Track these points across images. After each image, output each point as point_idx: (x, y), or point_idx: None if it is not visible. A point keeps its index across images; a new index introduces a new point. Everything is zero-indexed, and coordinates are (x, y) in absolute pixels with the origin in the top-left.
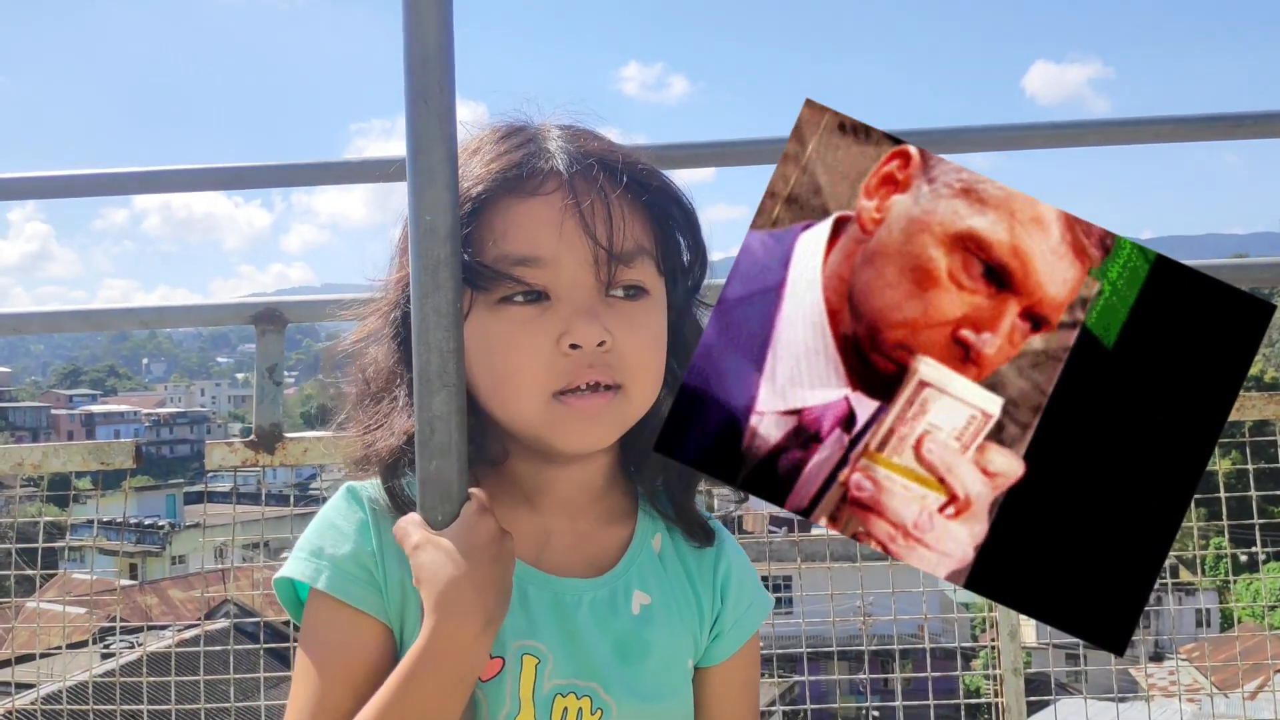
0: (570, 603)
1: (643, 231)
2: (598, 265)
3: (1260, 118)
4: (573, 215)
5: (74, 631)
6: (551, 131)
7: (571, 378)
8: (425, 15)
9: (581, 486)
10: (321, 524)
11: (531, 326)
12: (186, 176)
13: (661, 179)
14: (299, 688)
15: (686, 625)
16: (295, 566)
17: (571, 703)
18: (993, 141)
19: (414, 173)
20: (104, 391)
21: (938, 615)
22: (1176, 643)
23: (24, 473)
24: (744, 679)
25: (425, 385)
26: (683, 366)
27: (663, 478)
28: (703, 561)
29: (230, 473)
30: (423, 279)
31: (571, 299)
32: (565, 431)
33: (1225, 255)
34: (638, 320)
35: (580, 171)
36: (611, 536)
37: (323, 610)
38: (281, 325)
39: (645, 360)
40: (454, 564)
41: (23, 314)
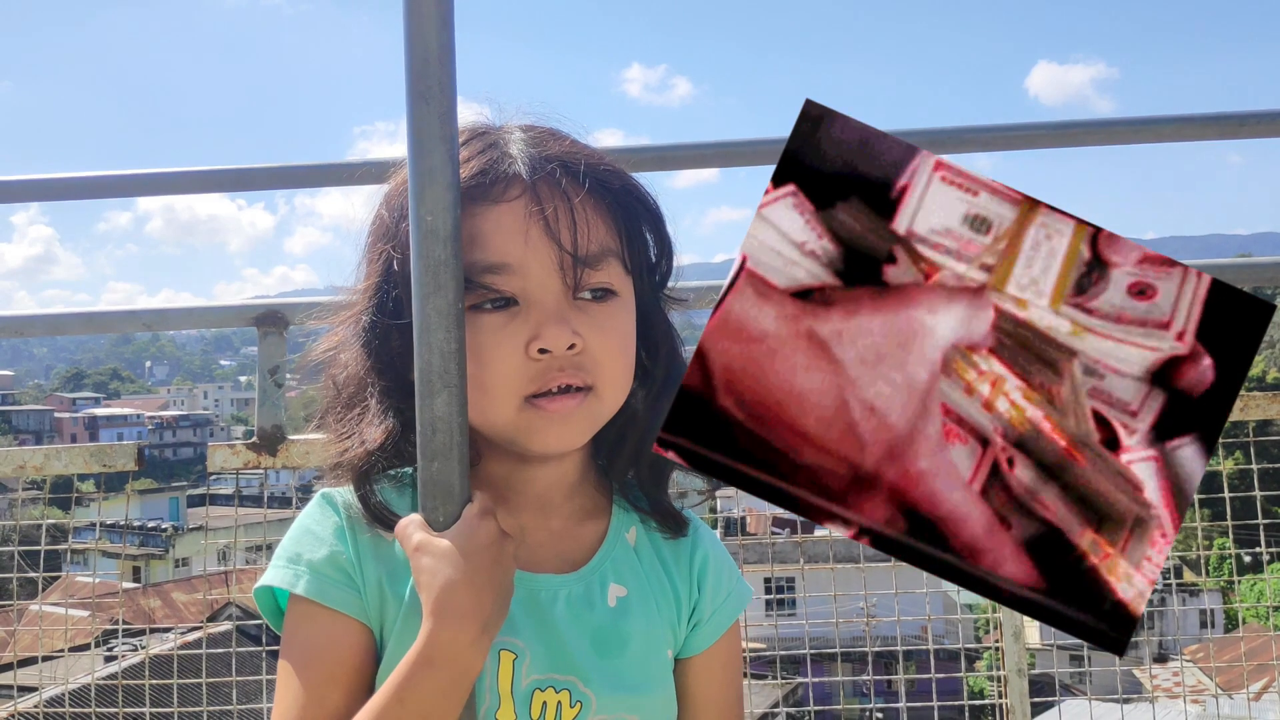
0: (546, 598)
1: (608, 232)
2: (564, 270)
3: (1264, 116)
4: (538, 221)
5: (77, 634)
6: (513, 134)
7: (543, 382)
8: (426, 15)
9: (555, 484)
10: (298, 531)
11: (502, 334)
12: (190, 179)
13: (625, 177)
14: (284, 693)
15: (664, 616)
16: (274, 574)
17: (550, 696)
18: (996, 141)
19: (415, 173)
20: (107, 394)
21: (941, 616)
22: (1181, 644)
23: (26, 475)
24: (725, 668)
25: (426, 386)
26: (652, 360)
27: (634, 472)
28: (679, 553)
29: (233, 475)
30: (424, 280)
31: (541, 304)
32: (540, 434)
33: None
34: (607, 322)
35: (544, 176)
36: (586, 531)
37: (303, 614)
38: (283, 327)
39: (615, 361)
40: (453, 567)
41: (26, 316)
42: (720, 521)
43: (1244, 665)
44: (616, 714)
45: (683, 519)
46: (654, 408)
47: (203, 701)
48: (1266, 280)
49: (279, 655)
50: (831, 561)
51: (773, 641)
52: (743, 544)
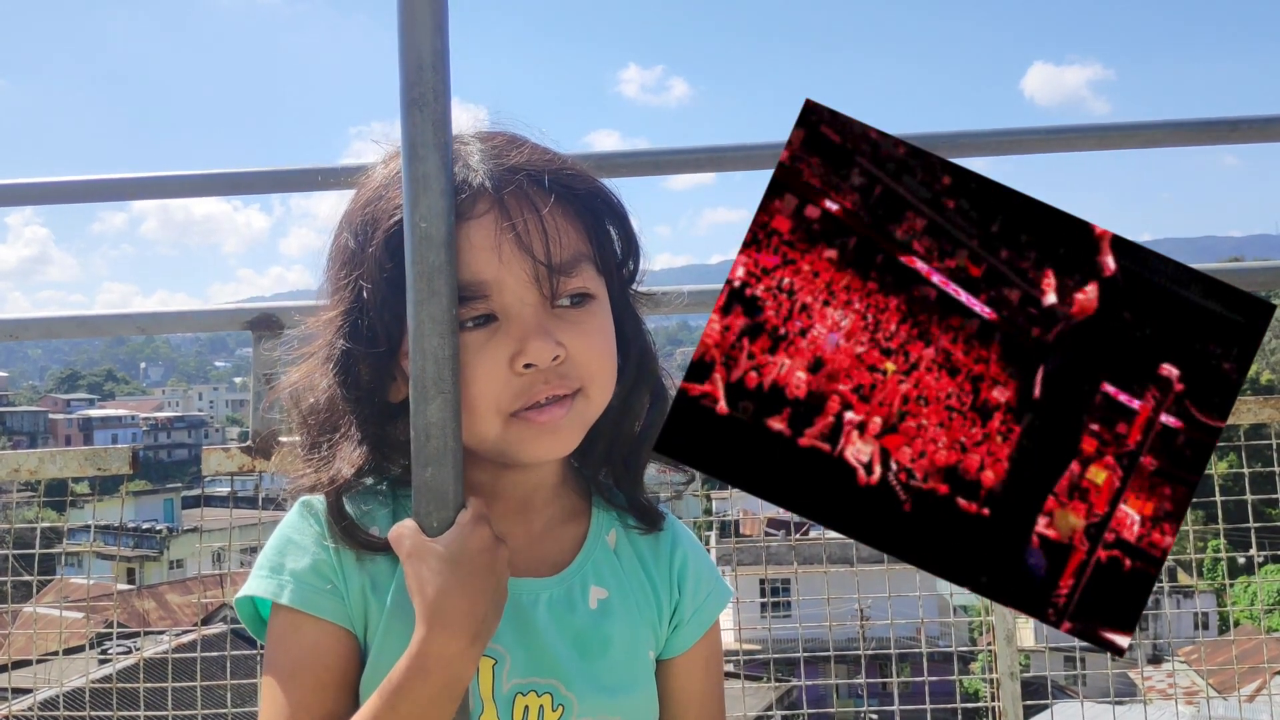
0: (527, 603)
1: (579, 237)
2: (540, 281)
3: (1256, 122)
4: (509, 236)
5: (71, 636)
6: (471, 145)
7: (530, 396)
8: (420, 21)
9: (535, 488)
10: (279, 540)
11: (484, 351)
12: (184, 183)
13: (589, 179)
14: (270, 703)
15: (645, 617)
16: (257, 584)
17: (532, 701)
18: (992, 146)
19: (409, 179)
20: (101, 396)
21: (935, 619)
22: (1174, 645)
23: (21, 478)
24: (707, 667)
25: (420, 392)
26: (624, 357)
27: (609, 469)
28: (659, 554)
29: (228, 477)
30: (418, 286)
31: (520, 318)
32: (530, 445)
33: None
34: (588, 327)
35: (510, 189)
36: (566, 535)
37: (288, 624)
38: (278, 330)
39: (599, 362)
40: (444, 573)
41: (20, 320)
42: (715, 524)
43: (1237, 667)
44: (599, 716)
45: (658, 513)
46: (626, 404)
47: (197, 704)
48: (1260, 285)
49: (263, 665)
50: (826, 564)
51: (767, 644)
52: (737, 546)
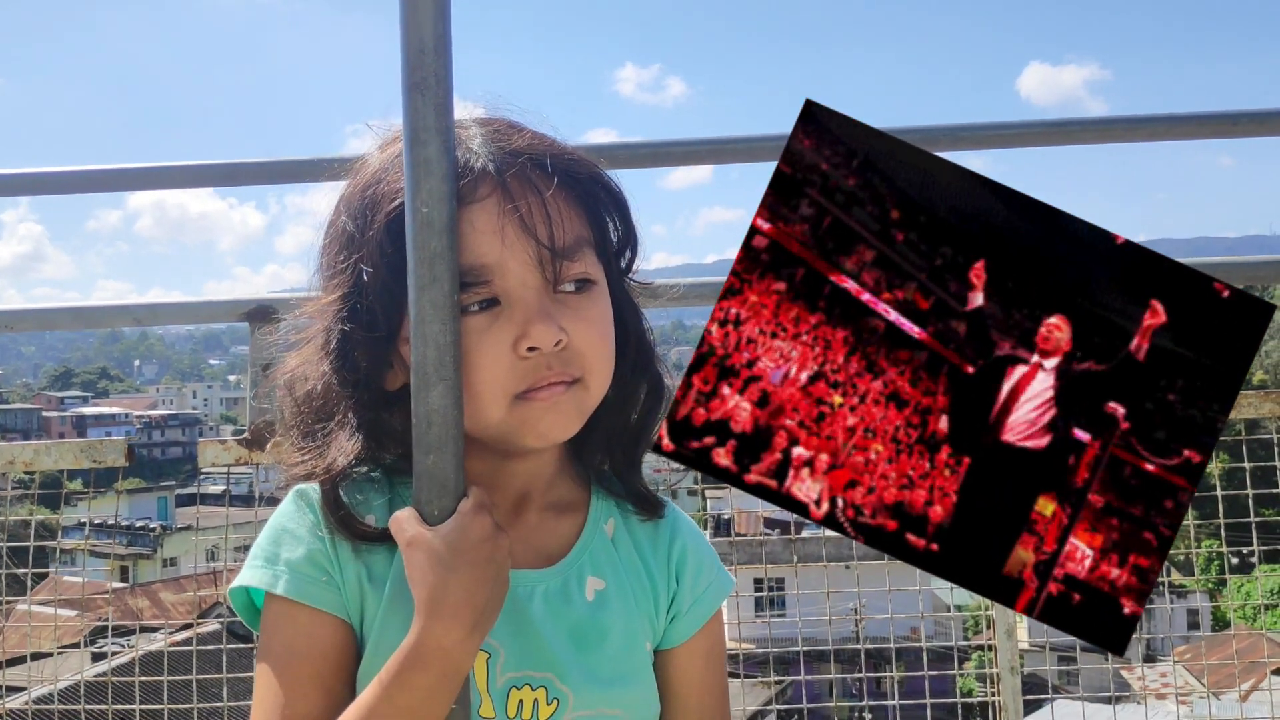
0: (523, 595)
1: (581, 222)
2: (543, 265)
3: (1256, 116)
4: (512, 219)
5: (65, 634)
6: (471, 129)
7: (533, 379)
8: (422, 5)
9: (534, 478)
10: (274, 530)
11: (487, 335)
12: (180, 173)
13: (590, 165)
14: (265, 693)
15: (642, 608)
16: (252, 574)
17: (527, 694)
18: (991, 139)
19: (410, 164)
20: (95, 393)
21: (932, 616)
22: (1170, 644)
23: (15, 471)
24: (707, 659)
25: (422, 379)
26: (623, 347)
27: (606, 458)
28: (657, 544)
29: (223, 475)
30: (419, 271)
31: (523, 302)
32: (533, 425)
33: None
34: (590, 313)
35: (513, 172)
36: (563, 525)
37: (283, 614)
38: (275, 322)
39: (599, 350)
40: (444, 562)
41: (15, 311)
42: (710, 521)
43: (1233, 665)
44: (596, 709)
45: (659, 501)
46: (623, 393)
47: (192, 700)
48: (1256, 279)
49: (257, 655)
50: (823, 561)
51: (764, 641)
52: (733, 544)
